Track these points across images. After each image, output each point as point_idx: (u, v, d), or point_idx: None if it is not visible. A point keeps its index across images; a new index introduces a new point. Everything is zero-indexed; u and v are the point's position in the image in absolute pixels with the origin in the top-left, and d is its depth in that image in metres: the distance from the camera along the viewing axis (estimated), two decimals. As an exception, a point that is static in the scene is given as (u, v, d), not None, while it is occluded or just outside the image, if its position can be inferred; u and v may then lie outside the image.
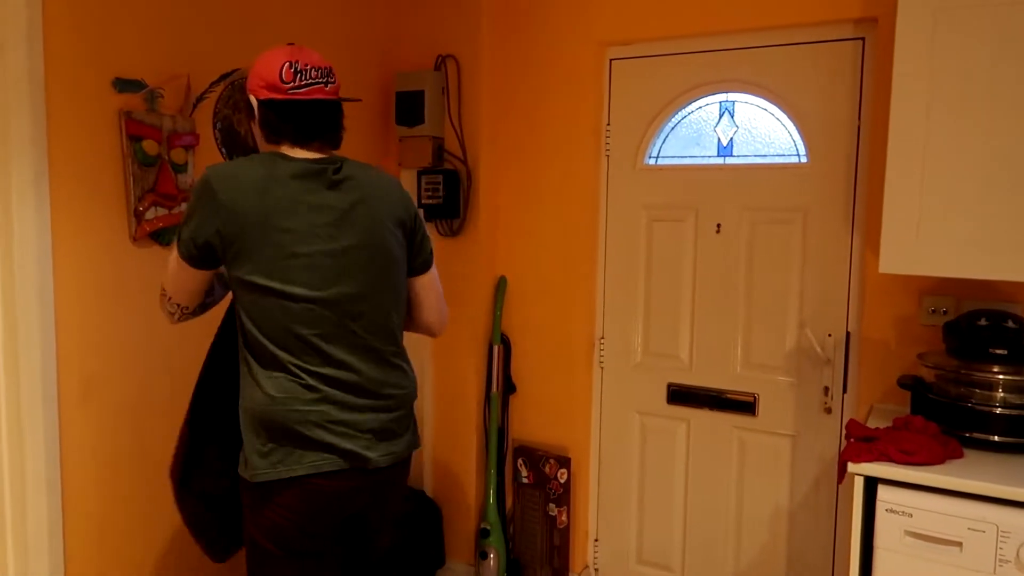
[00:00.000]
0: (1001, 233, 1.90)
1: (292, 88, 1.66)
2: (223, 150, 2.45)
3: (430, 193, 2.86)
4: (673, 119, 2.75)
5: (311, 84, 1.69)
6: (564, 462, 2.80)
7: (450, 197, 2.85)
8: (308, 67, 1.68)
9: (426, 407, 3.02)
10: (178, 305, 1.72)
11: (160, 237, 2.27)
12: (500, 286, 2.95)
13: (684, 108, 2.72)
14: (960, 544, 1.73)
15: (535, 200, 2.90)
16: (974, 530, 1.72)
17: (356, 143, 2.91)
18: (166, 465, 2.31)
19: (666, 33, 2.64)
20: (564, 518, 2.81)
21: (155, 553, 2.31)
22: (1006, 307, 2.15)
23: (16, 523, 2.00)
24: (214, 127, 2.42)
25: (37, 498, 2.00)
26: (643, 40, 2.71)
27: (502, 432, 2.95)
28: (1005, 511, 1.70)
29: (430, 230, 2.99)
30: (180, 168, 2.30)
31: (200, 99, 2.36)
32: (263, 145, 1.75)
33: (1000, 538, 1.69)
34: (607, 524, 2.93)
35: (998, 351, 1.95)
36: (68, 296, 2.05)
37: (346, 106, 2.87)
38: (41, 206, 1.98)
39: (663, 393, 2.78)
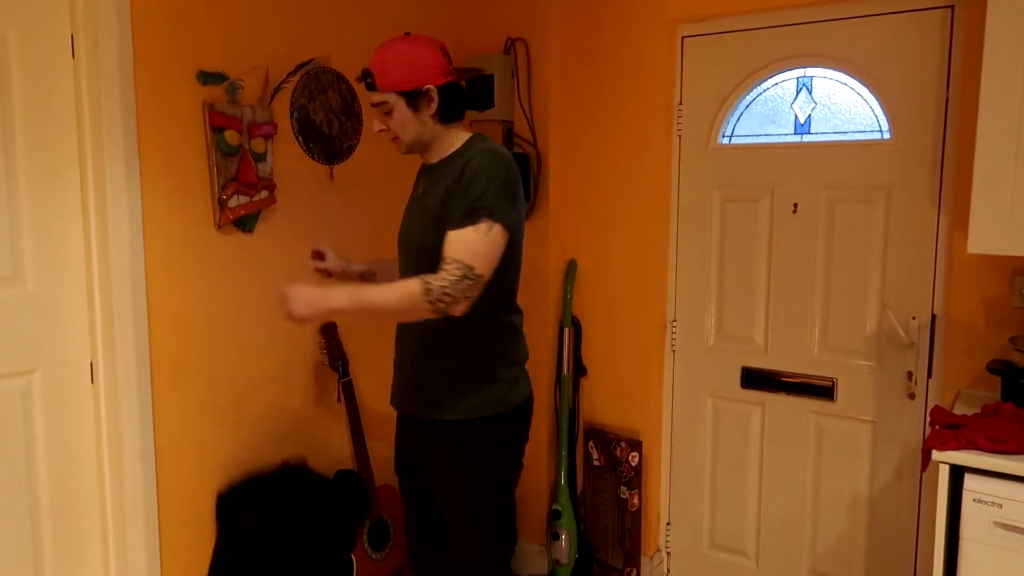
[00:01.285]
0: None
1: (452, 69, 1.82)
2: (300, 139, 2.52)
3: (500, 177, 2.87)
4: (747, 97, 2.68)
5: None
6: (635, 445, 2.79)
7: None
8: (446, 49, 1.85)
9: (498, 389, 3.05)
10: (483, 283, 1.71)
11: (243, 224, 2.35)
12: (571, 269, 2.94)
13: (759, 85, 2.65)
14: (1054, 537, 1.66)
15: (606, 182, 2.88)
16: (1070, 522, 1.64)
17: (427, 128, 2.95)
18: (250, 445, 2.41)
19: (740, 8, 2.57)
20: (636, 501, 2.80)
21: (241, 526, 2.42)
22: (1108, 288, 2.03)
23: (115, 502, 2.13)
24: (291, 116, 2.49)
25: (133, 478, 2.12)
26: (716, 16, 2.64)
27: (573, 414, 2.96)
28: (1104, 503, 1.62)
29: (500, 214, 3.01)
30: (260, 157, 2.38)
31: (278, 89, 2.43)
32: (432, 127, 1.82)
33: (1098, 531, 1.61)
34: (679, 508, 2.91)
35: (1098, 335, 1.85)
36: (158, 281, 2.16)
37: None
38: (133, 195, 2.08)
39: (737, 377, 2.73)
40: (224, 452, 2.35)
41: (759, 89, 2.66)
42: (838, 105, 2.53)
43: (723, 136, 2.73)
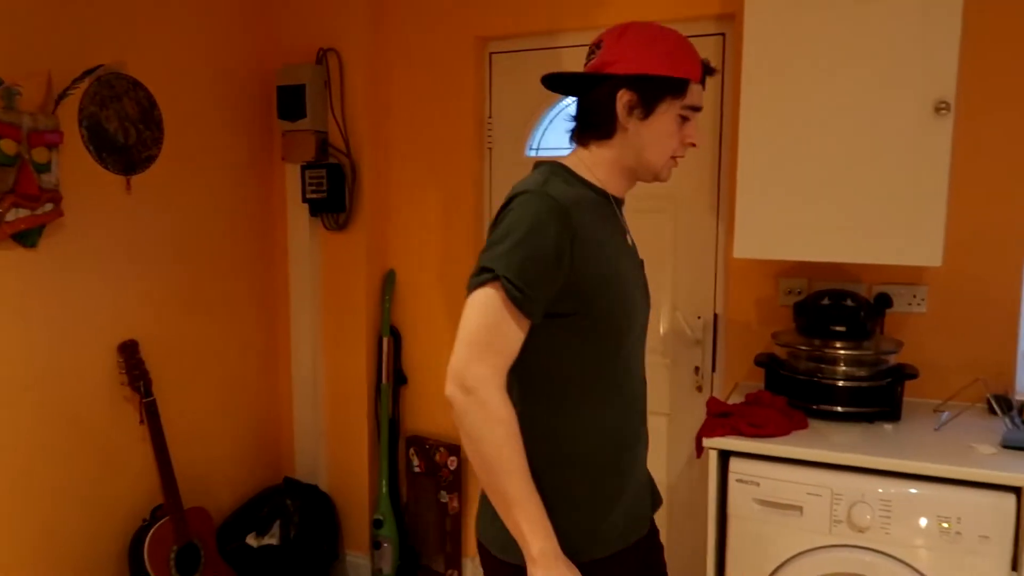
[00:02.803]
0: (842, 218, 2.03)
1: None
2: (91, 148, 2.39)
3: (314, 188, 2.85)
4: (552, 111, 2.82)
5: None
6: (454, 449, 2.85)
7: (335, 191, 2.85)
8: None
9: (318, 401, 3.03)
10: None
11: (24, 239, 2.21)
12: (388, 279, 2.97)
13: (562, 101, 2.79)
14: (801, 508, 1.86)
15: (422, 193, 2.94)
16: (812, 494, 1.85)
17: (237, 137, 2.88)
18: (32, 472, 2.26)
19: (540, 28, 2.71)
20: (456, 504, 2.86)
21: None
22: (850, 287, 2.31)
23: None
24: (80, 124, 2.36)
25: None
26: (519, 35, 2.77)
27: (394, 423, 2.99)
28: (839, 475, 1.84)
29: (315, 225, 2.98)
30: (43, 167, 2.24)
31: (63, 96, 2.30)
32: None
33: (834, 500, 1.83)
34: (501, 508, 3.00)
35: (838, 328, 2.10)
36: (-81, 302, 1.98)
37: (224, 101, 2.84)
38: None
39: (549, 378, 2.86)
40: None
41: (562, 104, 2.81)
42: (631, 121, 2.71)
43: (531, 148, 2.86)
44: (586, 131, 1.37)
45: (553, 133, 2.83)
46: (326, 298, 2.98)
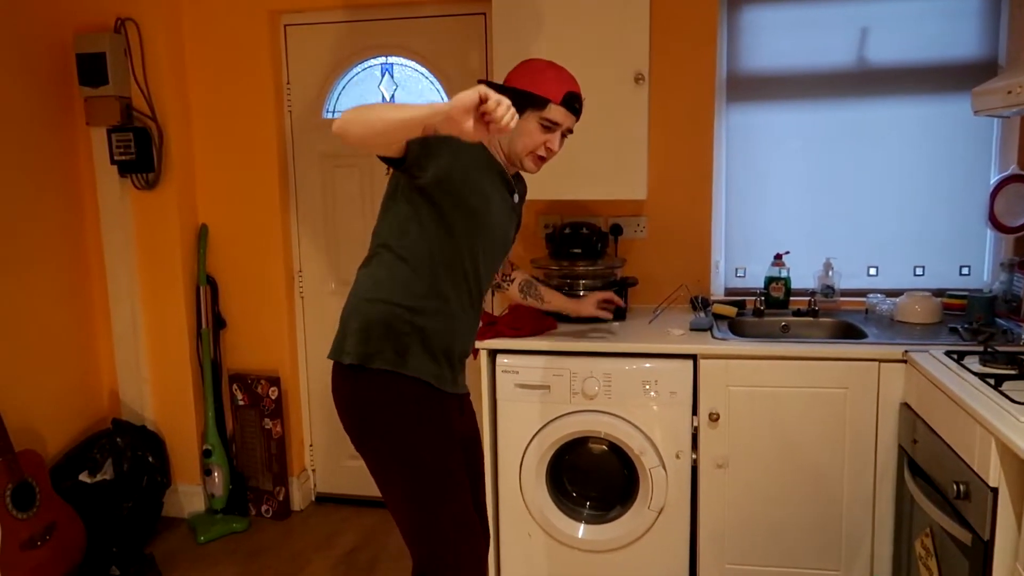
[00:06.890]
0: (572, 166, 2.60)
1: None
2: None
3: (122, 150, 3.05)
4: (344, 78, 3.20)
5: None
6: (274, 381, 3.21)
7: (143, 153, 3.06)
8: None
9: (140, 349, 3.25)
10: None
11: None
12: (202, 233, 3.24)
13: (353, 69, 3.18)
14: (548, 387, 2.44)
15: (229, 154, 3.21)
16: (557, 375, 2.44)
17: (33, 102, 2.99)
18: None
19: (332, 3, 3.06)
20: (279, 429, 3.24)
21: None
22: (591, 220, 2.92)
23: None
24: None
25: None
26: (311, 9, 3.10)
27: (216, 363, 3.29)
28: (575, 360, 2.43)
29: (125, 185, 3.18)
30: None
31: None
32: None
33: (571, 378, 2.42)
34: (320, 431, 3.42)
35: (576, 250, 2.69)
36: None
37: (19, 65, 2.99)
38: None
39: (356, 313, 3.29)
40: None
41: (353, 72, 3.19)
42: (413, 88, 3.15)
43: (327, 111, 3.22)
44: None
45: (347, 98, 3.21)
46: (141, 253, 3.20)
